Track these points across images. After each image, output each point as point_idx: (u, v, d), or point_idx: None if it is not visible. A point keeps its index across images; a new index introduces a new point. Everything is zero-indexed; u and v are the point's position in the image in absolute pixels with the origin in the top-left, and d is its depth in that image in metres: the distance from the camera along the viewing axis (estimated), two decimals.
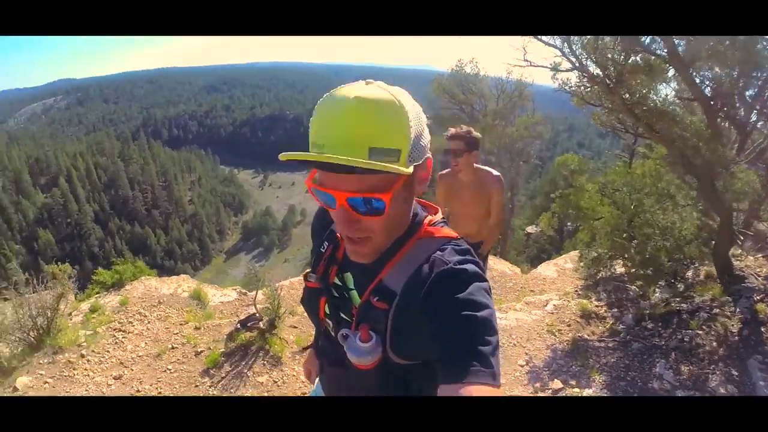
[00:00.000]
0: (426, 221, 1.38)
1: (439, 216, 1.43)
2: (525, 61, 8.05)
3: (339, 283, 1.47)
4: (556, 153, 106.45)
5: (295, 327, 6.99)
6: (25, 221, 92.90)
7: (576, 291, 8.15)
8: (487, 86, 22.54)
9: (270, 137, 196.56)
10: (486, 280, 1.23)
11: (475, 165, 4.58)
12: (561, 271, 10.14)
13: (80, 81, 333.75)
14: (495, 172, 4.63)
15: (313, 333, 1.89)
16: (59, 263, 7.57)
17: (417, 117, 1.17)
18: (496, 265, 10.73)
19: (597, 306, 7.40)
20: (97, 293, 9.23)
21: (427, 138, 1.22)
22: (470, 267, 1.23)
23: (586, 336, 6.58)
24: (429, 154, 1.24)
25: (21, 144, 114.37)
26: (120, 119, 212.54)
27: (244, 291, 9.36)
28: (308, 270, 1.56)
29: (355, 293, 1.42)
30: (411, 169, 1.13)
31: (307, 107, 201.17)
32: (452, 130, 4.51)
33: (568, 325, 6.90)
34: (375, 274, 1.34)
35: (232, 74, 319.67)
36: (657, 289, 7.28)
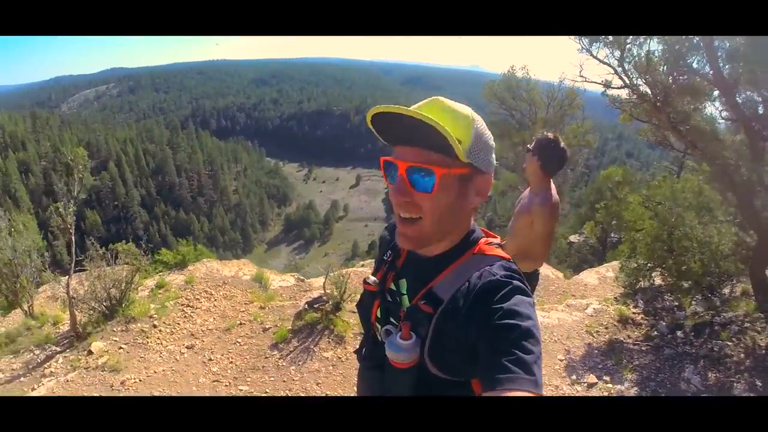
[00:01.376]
0: (482, 240, 1.48)
1: (496, 241, 1.52)
2: (581, 77, 8.23)
3: (394, 288, 1.57)
4: (604, 162, 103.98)
5: (354, 312, 7.43)
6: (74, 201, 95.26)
7: (615, 298, 8.32)
8: (538, 93, 22.15)
9: (316, 132, 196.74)
10: (530, 296, 1.31)
11: (538, 180, 3.96)
12: (602, 279, 10.25)
13: (132, 70, 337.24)
14: (545, 196, 3.88)
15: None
16: (102, 243, 7.96)
17: (483, 130, 1.35)
18: (539, 269, 10.57)
19: (634, 313, 7.61)
20: (160, 272, 9.89)
21: (490, 154, 1.39)
22: (516, 282, 1.30)
23: (621, 339, 6.87)
24: (491, 173, 1.40)
25: (73, 128, 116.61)
26: (170, 108, 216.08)
27: (301, 277, 9.85)
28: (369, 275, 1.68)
29: (405, 298, 1.51)
30: (467, 160, 1.29)
31: (354, 103, 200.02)
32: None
33: (606, 328, 7.19)
34: (427, 282, 1.42)
35: (282, 68, 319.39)
36: (693, 302, 7.42)
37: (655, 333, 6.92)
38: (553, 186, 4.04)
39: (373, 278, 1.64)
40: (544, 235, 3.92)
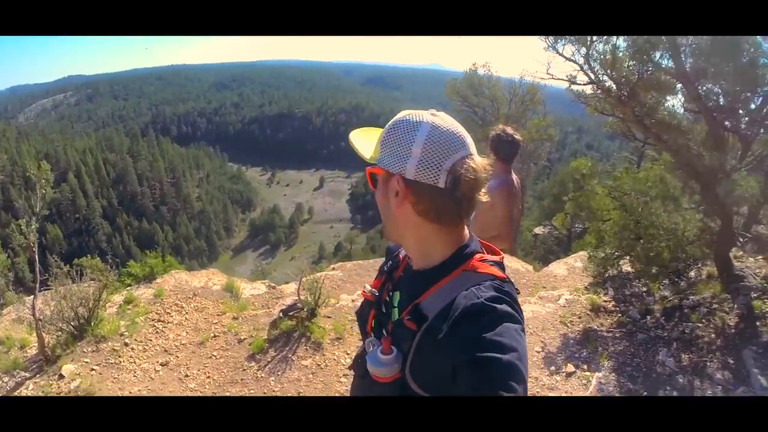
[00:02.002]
0: (477, 256, 1.40)
1: (495, 258, 1.44)
2: (548, 75, 8.28)
3: (388, 299, 1.57)
4: (565, 154, 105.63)
5: (329, 317, 7.42)
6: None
7: (586, 287, 8.46)
8: (500, 90, 22.59)
9: (278, 135, 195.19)
10: (519, 323, 1.24)
11: (497, 169, 4.27)
12: (571, 269, 10.41)
13: (90, 77, 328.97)
14: (502, 179, 4.32)
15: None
16: (64, 259, 7.71)
17: (394, 134, 1.36)
18: (509, 263, 10.47)
19: (605, 301, 7.77)
20: (128, 285, 9.52)
21: (398, 155, 1.34)
22: (502, 306, 1.22)
23: (595, 327, 7.01)
24: (404, 174, 1.33)
25: (30, 139, 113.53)
26: (129, 116, 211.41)
27: (272, 285, 9.73)
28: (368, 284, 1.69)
29: (396, 311, 1.50)
30: (373, 161, 1.41)
31: (316, 105, 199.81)
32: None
33: (579, 317, 7.32)
34: (416, 297, 1.38)
35: (242, 72, 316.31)
36: (661, 287, 7.62)
37: (627, 319, 7.08)
38: (513, 174, 4.50)
39: (369, 287, 1.63)
40: (503, 215, 4.28)
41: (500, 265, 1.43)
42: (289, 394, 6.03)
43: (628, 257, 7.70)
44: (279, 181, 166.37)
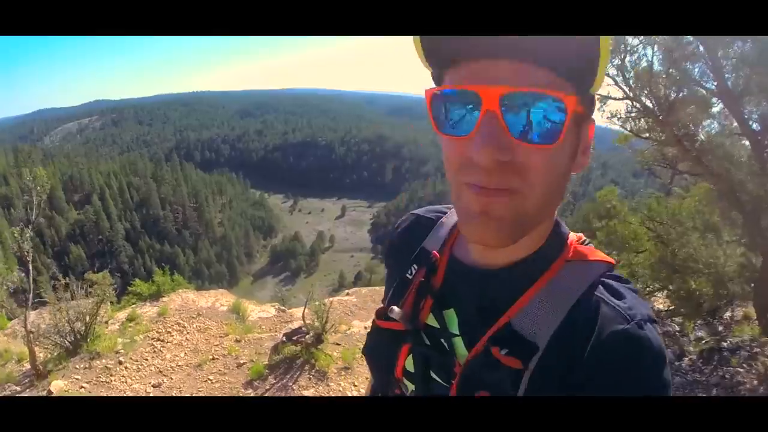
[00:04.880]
0: (573, 237, 0.96)
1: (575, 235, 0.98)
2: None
3: (435, 324, 1.00)
4: (589, 190, 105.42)
5: (339, 344, 7.04)
6: (57, 236, 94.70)
7: None
8: None
9: (301, 163, 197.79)
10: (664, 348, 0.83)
11: None
12: None
13: (116, 102, 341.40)
14: None
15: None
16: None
17: None
18: None
19: None
20: (134, 304, 9.44)
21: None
22: (650, 329, 0.81)
23: None
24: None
25: (56, 161, 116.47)
26: (154, 141, 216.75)
27: (283, 308, 9.44)
28: (381, 306, 1.09)
29: (460, 341, 0.95)
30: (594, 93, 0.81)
31: (339, 134, 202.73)
32: None
33: None
34: (497, 312, 0.89)
35: (266, 99, 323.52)
36: (696, 327, 7.21)
37: None
38: None
39: (397, 309, 1.00)
40: None
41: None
42: None
43: (662, 293, 7.34)
44: (301, 208, 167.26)
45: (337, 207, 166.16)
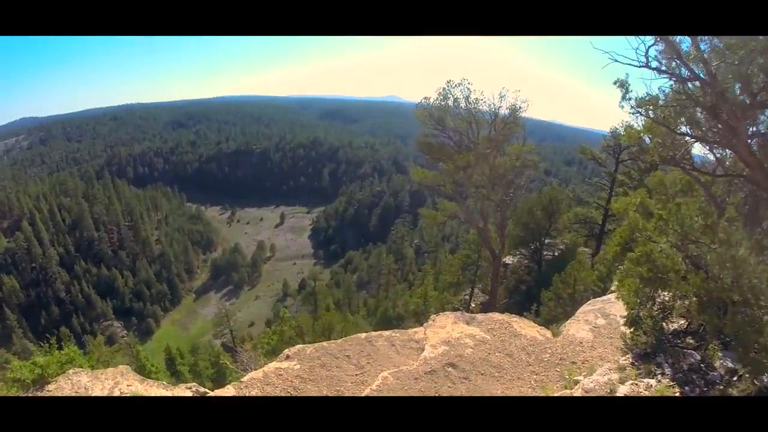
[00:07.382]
0: None
1: None
2: (640, 61, 7.60)
3: None
4: (521, 182, 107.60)
5: None
6: None
7: (632, 363, 7.55)
8: (480, 107, 20.58)
9: (237, 173, 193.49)
10: None
11: None
12: (594, 329, 9.38)
13: (43, 119, 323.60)
14: None
15: None
16: (22, 311, 6.23)
17: None
18: (523, 330, 9.83)
19: (667, 385, 6.91)
20: (16, 391, 7.68)
21: None
22: None
23: None
24: None
25: None
26: (84, 158, 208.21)
27: (203, 389, 8.23)
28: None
29: None
30: None
31: (274, 140, 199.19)
32: None
33: None
34: None
35: (198, 109, 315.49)
36: (722, 357, 6.72)
37: None
38: None
39: None
40: None
41: None
42: None
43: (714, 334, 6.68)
44: (239, 219, 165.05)
45: (276, 215, 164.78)
